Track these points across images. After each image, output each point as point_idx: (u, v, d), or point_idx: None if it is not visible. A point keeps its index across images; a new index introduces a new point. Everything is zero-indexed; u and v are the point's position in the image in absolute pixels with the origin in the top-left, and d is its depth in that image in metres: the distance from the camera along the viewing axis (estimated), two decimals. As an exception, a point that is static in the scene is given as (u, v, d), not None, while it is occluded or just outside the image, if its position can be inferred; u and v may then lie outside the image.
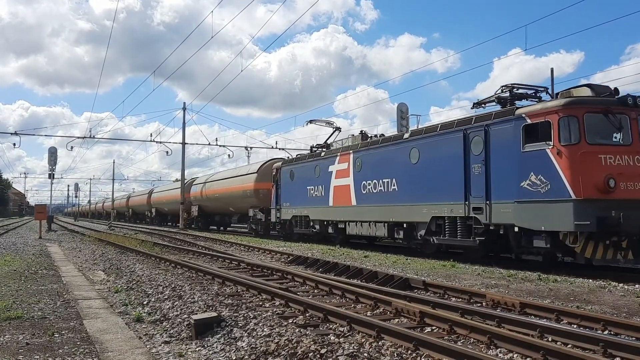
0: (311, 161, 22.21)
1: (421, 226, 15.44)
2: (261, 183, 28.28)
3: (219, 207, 35.89)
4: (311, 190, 21.74)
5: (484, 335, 5.77)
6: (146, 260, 15.60)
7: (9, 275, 11.48)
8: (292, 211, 23.52)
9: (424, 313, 6.85)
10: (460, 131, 13.91)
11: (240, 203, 31.18)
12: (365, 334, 6.06)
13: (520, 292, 9.25)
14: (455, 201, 13.95)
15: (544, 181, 11.53)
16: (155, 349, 5.84)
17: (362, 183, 18.29)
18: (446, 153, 14.47)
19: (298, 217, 23.00)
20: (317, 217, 21.44)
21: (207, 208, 38.27)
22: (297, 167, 23.43)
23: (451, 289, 9.09)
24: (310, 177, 21.89)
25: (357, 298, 8.39)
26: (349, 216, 19.09)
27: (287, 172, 24.13)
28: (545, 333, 5.94)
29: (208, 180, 38.00)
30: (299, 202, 22.75)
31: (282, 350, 5.24)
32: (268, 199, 26.68)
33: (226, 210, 35.65)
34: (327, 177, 20.53)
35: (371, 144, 18.42)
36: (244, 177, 30.53)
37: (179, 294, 8.78)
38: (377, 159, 17.70)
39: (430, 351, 5.18)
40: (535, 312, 7.31)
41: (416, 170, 15.67)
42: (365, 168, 18.26)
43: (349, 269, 11.91)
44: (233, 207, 33.45)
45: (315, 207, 21.49)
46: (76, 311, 7.60)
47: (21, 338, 5.96)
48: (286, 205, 24.00)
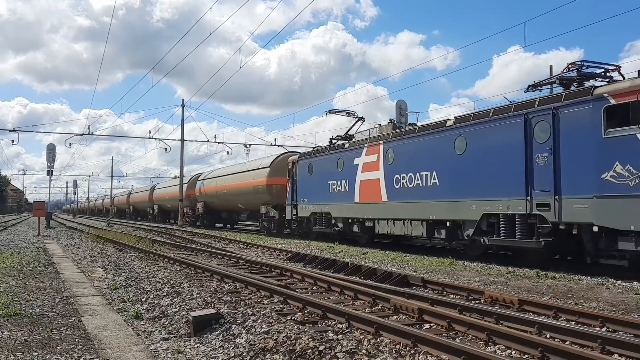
0: (333, 154, 20.39)
1: (469, 225, 13.75)
2: (274, 178, 26.76)
3: (227, 203, 34.31)
4: (333, 185, 20.04)
5: (482, 332, 5.78)
6: (145, 257, 15.59)
7: (7, 272, 11.47)
8: (310, 208, 21.79)
9: (422, 310, 6.86)
10: (520, 116, 12.23)
11: (250, 199, 29.53)
12: (364, 331, 6.07)
13: (518, 289, 9.26)
14: (513, 196, 12.31)
15: (633, 172, 9.98)
16: (153, 345, 5.84)
17: (395, 177, 16.55)
18: (501, 141, 12.77)
19: (317, 214, 21.26)
20: (340, 215, 19.76)
21: (214, 205, 36.67)
22: (316, 160, 21.62)
23: (450, 286, 9.11)
24: (332, 171, 20.14)
25: (356, 295, 8.40)
26: (378, 213, 17.35)
27: (304, 166, 22.39)
28: (543, 330, 5.95)
29: (215, 175, 36.45)
30: (319, 198, 21.04)
31: (280, 347, 5.25)
32: (282, 195, 25.30)
33: (234, 207, 34.04)
34: (352, 171, 18.75)
35: (405, 133, 16.55)
36: (256, 172, 28.90)
37: (177, 291, 8.78)
38: (412, 149, 15.90)
39: (429, 348, 5.18)
40: (533, 309, 7.33)
41: (463, 162, 13.94)
42: (398, 160, 16.49)
43: (347, 266, 11.92)
44: (242, 204, 31.82)
45: (337, 204, 19.77)
46: (74, 308, 7.60)
47: (19, 335, 5.96)
48: (304, 201, 22.28)
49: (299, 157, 23.31)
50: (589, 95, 10.96)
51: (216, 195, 34.97)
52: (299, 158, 23.17)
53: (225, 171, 35.38)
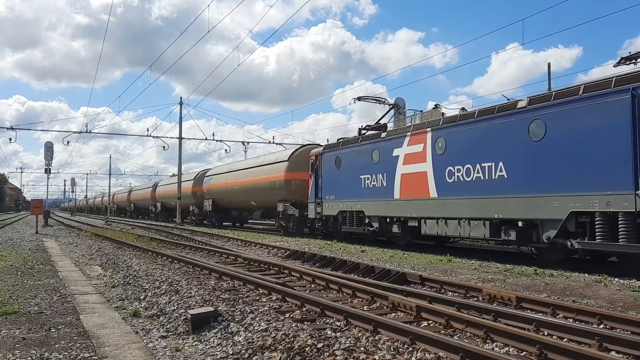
0: (366, 145, 18.18)
1: (549, 225, 11.61)
2: (294, 173, 24.50)
3: (238, 201, 31.83)
4: (366, 180, 17.90)
5: (480, 329, 5.78)
6: (143, 255, 15.59)
7: (5, 270, 11.46)
8: (338, 206, 19.65)
9: (420, 307, 6.87)
10: (625, 92, 10.15)
11: (266, 196, 27.19)
12: (362, 329, 6.07)
13: (516, 286, 9.28)
14: (614, 191, 10.25)
15: None
16: (152, 343, 5.84)
17: (447, 169, 14.35)
18: (597, 123, 10.67)
19: (347, 212, 19.19)
20: (375, 213, 17.57)
21: (223, 202, 34.26)
22: (345, 152, 19.47)
23: (448, 284, 9.12)
24: (364, 164, 17.99)
25: (354, 293, 8.40)
26: (425, 212, 15.16)
27: (331, 159, 20.30)
28: (541, 327, 5.96)
29: (225, 171, 33.83)
30: (349, 195, 18.96)
31: (278, 345, 5.25)
32: (302, 191, 23.39)
33: (246, 205, 31.52)
34: (390, 164, 16.60)
35: (461, 118, 14.24)
36: (272, 167, 26.43)
37: (175, 289, 8.78)
38: (471, 137, 13.68)
39: (427, 345, 5.19)
40: (531, 307, 7.34)
41: (541, 150, 11.83)
42: (452, 150, 14.28)
43: (345, 264, 11.92)
44: (256, 201, 29.29)
45: (372, 201, 17.59)
46: (73, 306, 7.59)
47: (18, 333, 5.95)
48: (330, 198, 20.17)
49: (324, 149, 21.04)
50: None
51: (226, 192, 32.74)
52: (324, 150, 20.93)
53: (236, 166, 32.82)
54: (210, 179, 35.92)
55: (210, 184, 35.59)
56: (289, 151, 26.26)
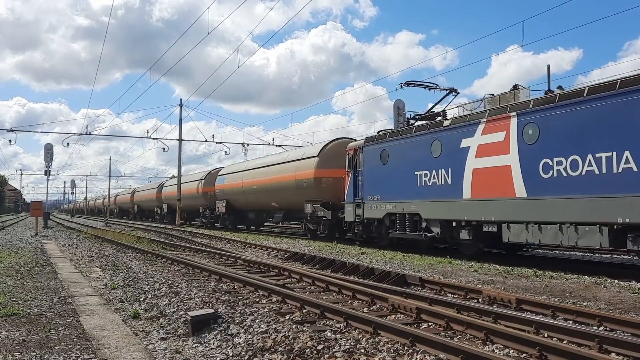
0: (422, 135, 15.57)
1: None
2: (325, 170, 21.92)
3: (256, 202, 28.88)
4: (423, 177, 15.38)
5: (480, 331, 5.78)
6: (143, 257, 15.58)
7: (5, 272, 11.45)
8: (385, 207, 17.10)
9: (420, 309, 6.87)
10: None
11: (290, 196, 24.37)
12: (362, 330, 6.07)
13: (516, 288, 9.28)
14: None
15: None
16: (151, 345, 5.84)
17: (542, 162, 11.78)
18: None
19: (397, 215, 16.55)
20: (435, 216, 14.93)
21: (238, 203, 31.35)
22: (394, 145, 16.89)
23: (448, 285, 9.12)
24: (421, 158, 15.46)
25: (354, 294, 8.40)
26: (509, 214, 12.50)
27: (374, 153, 17.78)
28: (541, 329, 5.96)
29: (242, 169, 30.90)
30: (400, 195, 16.38)
31: (278, 347, 5.25)
32: (334, 190, 21.06)
33: (266, 206, 28.36)
34: (457, 157, 14.07)
35: (563, 98, 11.58)
36: (299, 163, 23.67)
37: (175, 291, 8.78)
38: (578, 121, 11.12)
39: (427, 347, 5.19)
40: (531, 308, 7.34)
41: None
42: (548, 138, 11.74)
43: (345, 266, 11.92)
44: (278, 202, 26.34)
45: (431, 201, 15.05)
46: (72, 308, 7.59)
47: (17, 335, 5.95)
48: (374, 198, 17.64)
49: (366, 141, 18.50)
50: None
51: (242, 192, 29.82)
52: (366, 143, 18.42)
53: (255, 164, 29.86)
54: (224, 178, 33.06)
55: (223, 184, 32.73)
56: (319, 145, 23.41)
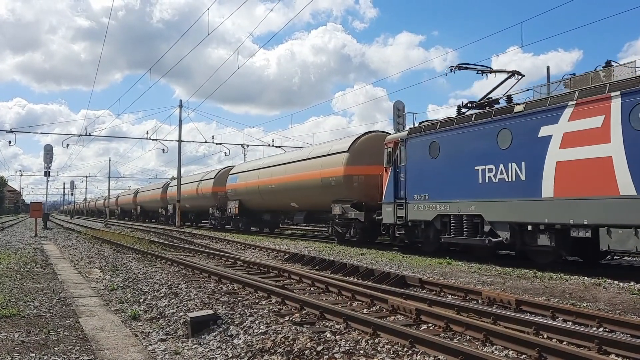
0: (485, 124, 13.34)
1: None
2: (356, 166, 19.70)
3: (274, 202, 26.70)
4: (487, 173, 13.13)
5: (480, 332, 5.79)
6: (142, 258, 15.58)
7: (4, 273, 11.44)
8: (435, 207, 14.91)
9: (420, 310, 6.87)
10: None
11: (314, 196, 22.16)
12: (362, 332, 6.07)
13: (516, 289, 9.28)
14: None
15: None
16: (151, 346, 5.84)
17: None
18: None
19: (451, 217, 14.37)
20: (503, 218, 12.75)
21: (252, 204, 29.13)
22: (447, 136, 14.60)
23: (447, 287, 9.12)
24: (484, 151, 13.27)
25: (354, 296, 8.40)
26: (610, 216, 10.42)
27: (421, 146, 15.58)
28: (540, 330, 5.96)
29: (258, 167, 28.56)
30: (455, 193, 14.18)
31: (278, 348, 5.25)
32: (367, 189, 19.04)
33: (285, 207, 26.12)
34: (533, 147, 11.95)
35: None
36: (326, 160, 21.43)
37: (175, 292, 8.77)
38: None
39: (426, 348, 5.19)
40: (530, 310, 7.34)
41: None
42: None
43: (345, 267, 11.92)
44: (299, 202, 24.14)
45: (498, 201, 12.82)
46: (72, 309, 7.59)
47: (17, 336, 5.94)
48: (421, 198, 15.44)
49: (410, 133, 16.35)
50: None
51: (258, 192, 27.57)
52: (410, 135, 16.25)
53: (273, 160, 27.51)
54: (236, 177, 30.83)
55: (236, 184, 30.49)
56: (348, 140, 21.15)
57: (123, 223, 54.10)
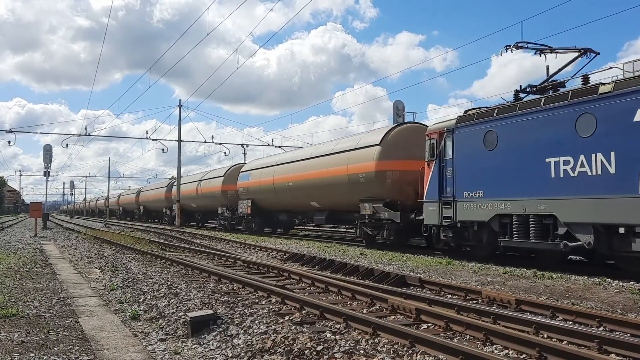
0: (560, 107, 11.50)
1: None
2: (389, 161, 17.71)
3: (291, 201, 24.86)
4: (562, 165, 11.34)
5: (480, 332, 5.78)
6: (142, 257, 15.57)
7: (3, 273, 11.44)
8: (491, 206, 12.99)
9: (420, 310, 6.87)
10: None
11: (339, 194, 20.28)
12: (362, 331, 6.07)
13: (516, 289, 9.28)
14: None
15: None
16: (151, 346, 5.83)
17: None
18: None
19: (512, 217, 12.44)
20: (585, 219, 10.95)
21: (266, 203, 27.36)
22: (507, 123, 12.72)
23: (447, 286, 9.12)
24: (557, 139, 11.48)
25: (354, 295, 8.40)
26: None
27: (473, 135, 13.62)
28: (540, 329, 5.96)
29: (273, 163, 26.78)
30: (518, 190, 12.26)
31: (278, 348, 5.24)
32: (401, 186, 17.34)
33: (304, 206, 24.11)
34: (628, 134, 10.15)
35: None
36: (353, 154, 19.41)
37: (175, 292, 8.77)
38: None
39: (426, 348, 5.19)
40: (530, 309, 7.34)
41: None
42: None
43: (345, 267, 11.92)
44: (320, 201, 22.31)
45: (577, 199, 11.01)
46: (72, 309, 7.58)
47: (16, 336, 5.94)
48: (473, 195, 13.50)
49: (458, 122, 14.26)
50: None
51: (273, 191, 25.81)
52: (459, 124, 14.21)
53: (290, 156, 25.67)
54: (248, 175, 29.08)
55: (248, 182, 28.76)
56: (379, 131, 19.18)
57: (123, 223, 54.01)
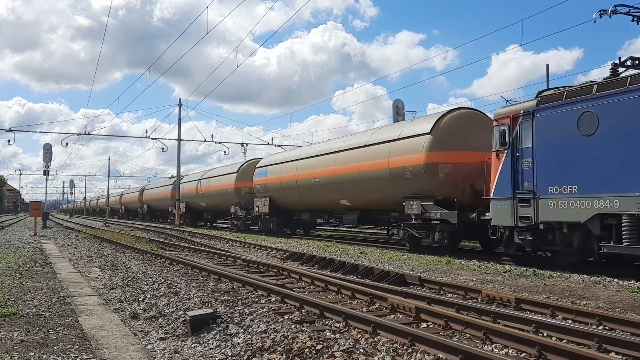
0: None
1: None
2: (443, 152, 15.20)
3: (317, 199, 22.21)
4: None
5: (480, 330, 5.78)
6: (142, 257, 15.56)
7: (3, 272, 11.43)
8: (589, 204, 10.74)
9: (419, 309, 6.87)
10: None
11: (378, 191, 17.72)
12: (361, 330, 6.06)
13: (515, 287, 9.28)
14: None
15: None
16: (150, 345, 5.83)
17: None
18: None
19: (622, 217, 10.16)
20: None
21: (287, 201, 24.96)
22: (612, 102, 10.52)
23: (447, 285, 9.12)
24: None
25: (353, 294, 8.40)
26: None
27: (562, 118, 11.40)
28: (540, 328, 5.96)
29: (294, 158, 24.27)
30: (631, 183, 10.08)
31: (278, 347, 5.24)
32: (456, 181, 14.99)
33: (332, 205, 21.46)
34: None
35: None
36: (396, 145, 16.78)
37: (174, 291, 8.77)
38: None
39: (426, 347, 5.19)
40: (530, 308, 7.34)
41: None
42: None
43: (345, 265, 11.91)
44: (352, 199, 19.74)
45: None
46: (71, 308, 7.58)
47: (16, 335, 5.94)
48: (563, 191, 11.25)
49: (541, 102, 12.02)
50: None
51: (295, 187, 23.42)
52: (541, 105, 11.97)
53: (316, 150, 22.86)
54: (266, 170, 26.77)
55: (266, 178, 26.52)
56: (429, 119, 16.49)
57: (122, 222, 53.97)
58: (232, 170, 32.30)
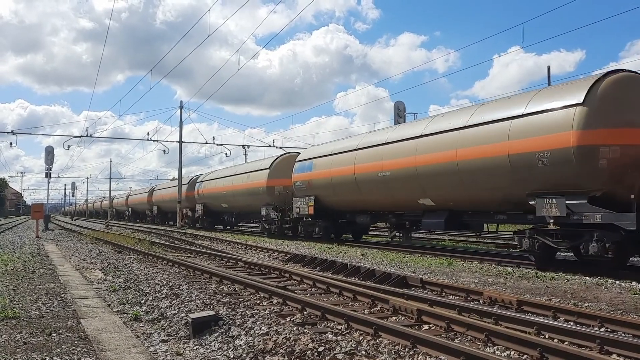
0: None
1: None
2: (601, 131, 10.79)
3: (382, 197, 17.90)
4: None
5: (481, 332, 5.78)
6: (144, 259, 15.58)
7: (5, 274, 11.45)
8: None
9: (421, 311, 6.87)
10: None
11: (486, 186, 13.36)
12: (363, 332, 6.07)
13: (517, 289, 9.27)
14: None
15: None
16: (152, 347, 5.84)
17: None
18: None
19: None
20: None
21: (338, 200, 20.95)
22: None
23: (448, 287, 9.11)
24: None
25: (355, 296, 8.40)
26: None
27: None
28: (542, 330, 5.96)
29: (352, 147, 19.69)
30: None
31: (280, 349, 5.25)
32: (621, 171, 10.66)
33: (406, 204, 17.07)
34: None
35: None
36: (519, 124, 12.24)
37: (176, 293, 8.78)
38: None
39: (428, 349, 5.19)
40: (532, 310, 7.34)
41: None
42: None
43: (346, 267, 11.91)
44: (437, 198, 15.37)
45: None
46: (73, 310, 7.59)
47: (18, 337, 5.95)
48: None
49: None
50: None
51: (354, 183, 19.00)
52: None
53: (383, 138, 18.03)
54: (311, 164, 22.42)
55: (311, 173, 22.21)
56: (577, 84, 11.74)
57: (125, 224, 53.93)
58: (263, 165, 27.81)
